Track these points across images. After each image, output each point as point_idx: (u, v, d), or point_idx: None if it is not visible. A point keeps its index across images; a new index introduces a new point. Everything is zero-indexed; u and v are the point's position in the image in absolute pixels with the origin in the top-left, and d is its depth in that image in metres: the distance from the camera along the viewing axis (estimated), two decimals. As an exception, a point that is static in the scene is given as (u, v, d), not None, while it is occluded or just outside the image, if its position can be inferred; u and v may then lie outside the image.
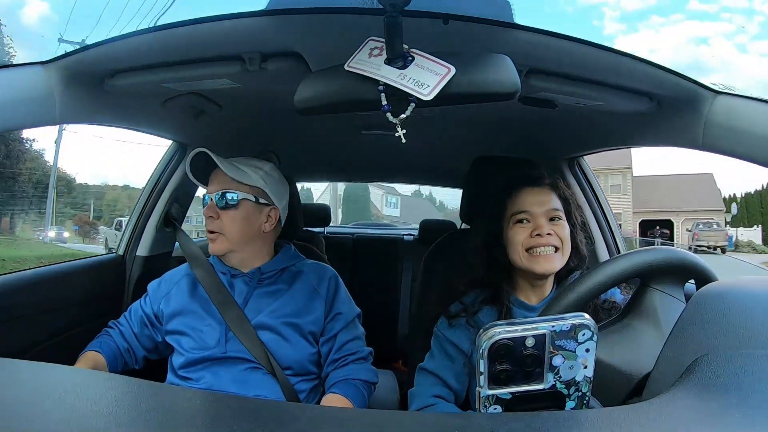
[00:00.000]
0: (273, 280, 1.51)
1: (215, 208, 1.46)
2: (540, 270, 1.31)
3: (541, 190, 1.39)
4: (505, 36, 1.09)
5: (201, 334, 1.44)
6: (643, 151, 25.82)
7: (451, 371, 1.37)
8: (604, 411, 0.65)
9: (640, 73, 1.21)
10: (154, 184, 2.03)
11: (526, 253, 1.33)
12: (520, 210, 1.36)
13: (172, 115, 1.67)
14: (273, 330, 1.43)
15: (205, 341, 1.43)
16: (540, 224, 1.33)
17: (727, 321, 0.62)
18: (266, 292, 1.49)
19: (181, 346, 1.45)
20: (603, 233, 2.11)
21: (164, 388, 0.63)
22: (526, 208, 1.36)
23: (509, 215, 1.37)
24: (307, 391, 1.48)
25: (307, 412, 0.69)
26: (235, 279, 1.50)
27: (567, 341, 0.62)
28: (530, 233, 1.33)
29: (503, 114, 1.77)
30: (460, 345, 1.37)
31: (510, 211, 1.37)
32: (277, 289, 1.50)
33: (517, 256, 1.34)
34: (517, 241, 1.34)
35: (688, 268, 0.91)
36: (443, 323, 1.41)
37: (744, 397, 0.51)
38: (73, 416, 0.51)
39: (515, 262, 1.35)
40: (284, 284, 1.51)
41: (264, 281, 1.50)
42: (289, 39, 1.18)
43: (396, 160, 2.83)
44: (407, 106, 0.98)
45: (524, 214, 1.35)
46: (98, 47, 1.19)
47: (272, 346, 1.42)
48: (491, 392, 0.63)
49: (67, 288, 1.69)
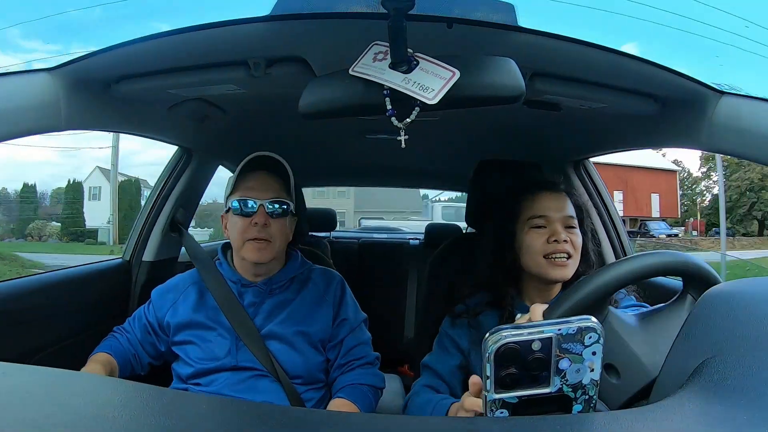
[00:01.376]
0: (282, 290, 1.50)
1: (266, 215, 1.44)
2: (554, 277, 1.30)
3: (558, 195, 1.37)
4: (509, 39, 1.09)
5: (210, 344, 1.43)
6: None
7: (446, 365, 1.36)
8: (611, 414, 0.65)
9: (644, 75, 1.21)
10: (160, 189, 2.04)
11: (543, 259, 1.31)
12: (538, 214, 1.34)
13: (178, 120, 1.68)
14: (283, 340, 1.43)
15: (215, 352, 1.42)
16: (557, 230, 1.32)
17: (734, 323, 0.61)
18: (276, 302, 1.48)
19: (189, 356, 1.44)
20: (609, 236, 2.10)
21: (170, 393, 0.63)
22: (544, 213, 1.34)
23: (525, 219, 1.35)
24: (316, 400, 1.47)
25: (313, 416, 0.68)
26: (246, 288, 1.48)
27: (573, 344, 0.62)
28: (547, 239, 1.31)
29: (508, 117, 1.77)
30: (459, 342, 1.37)
31: (526, 214, 1.35)
32: (287, 298, 1.49)
33: (533, 262, 1.32)
34: (535, 246, 1.32)
35: (690, 270, 0.91)
36: (447, 322, 1.41)
37: (751, 399, 0.51)
38: (79, 421, 0.51)
39: (528, 268, 1.34)
40: (293, 293, 1.50)
41: (275, 291, 1.49)
42: (293, 44, 1.18)
43: (401, 164, 2.84)
44: (412, 111, 0.97)
45: (542, 219, 1.33)
46: (104, 53, 1.20)
47: (281, 356, 1.41)
48: (498, 396, 0.62)
49: (73, 293, 1.70)
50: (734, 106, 1.15)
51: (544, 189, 1.38)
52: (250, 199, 1.43)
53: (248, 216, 1.43)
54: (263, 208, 1.43)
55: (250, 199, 1.43)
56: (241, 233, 1.43)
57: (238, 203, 1.43)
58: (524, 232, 1.35)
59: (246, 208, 1.43)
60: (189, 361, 1.43)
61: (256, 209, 1.43)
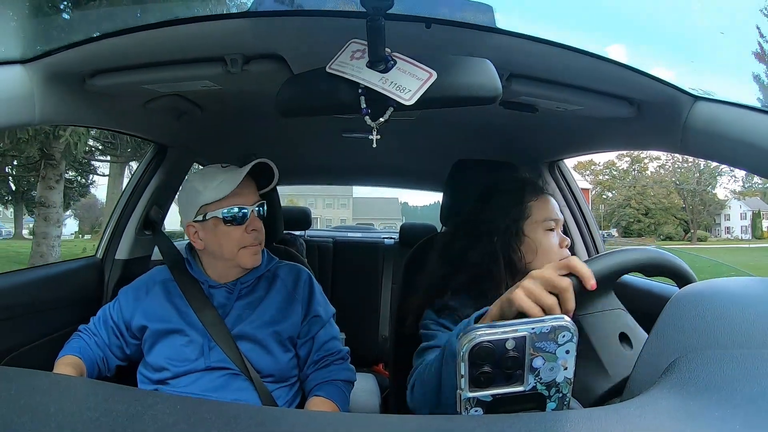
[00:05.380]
0: (251, 289, 1.49)
1: (259, 220, 1.44)
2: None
3: (552, 199, 1.37)
4: (486, 40, 1.10)
5: (182, 347, 1.40)
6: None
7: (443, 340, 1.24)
8: (584, 412, 0.66)
9: (620, 78, 1.23)
10: (134, 186, 2.00)
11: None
12: (551, 217, 1.32)
13: (153, 116, 1.65)
14: (253, 340, 1.41)
15: (186, 354, 1.39)
16: (562, 235, 1.32)
17: (705, 322, 0.63)
18: (245, 303, 1.46)
19: (159, 360, 1.40)
20: (582, 235, 2.13)
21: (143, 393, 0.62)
22: (554, 217, 1.33)
23: (539, 220, 1.32)
24: (288, 398, 1.46)
25: (289, 417, 0.68)
26: (214, 290, 1.46)
27: (547, 343, 0.62)
28: (559, 243, 1.31)
29: (485, 118, 1.78)
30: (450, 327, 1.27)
31: (539, 216, 1.32)
32: (255, 297, 1.47)
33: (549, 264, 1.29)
34: (554, 249, 1.30)
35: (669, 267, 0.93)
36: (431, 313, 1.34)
37: (722, 396, 0.52)
38: (50, 422, 0.50)
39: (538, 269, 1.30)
40: (261, 291, 1.49)
41: (243, 291, 1.47)
42: (271, 41, 1.17)
43: (377, 163, 2.84)
44: (386, 110, 0.97)
45: (553, 223, 1.32)
46: (79, 47, 1.17)
47: (252, 355, 1.40)
48: (472, 395, 0.63)
49: (44, 292, 1.66)
50: (708, 110, 1.17)
51: (546, 192, 1.38)
52: (242, 207, 1.41)
53: (241, 224, 1.41)
54: (254, 214, 1.43)
55: (242, 207, 1.41)
56: (238, 242, 1.41)
57: (231, 213, 1.39)
58: (540, 235, 1.31)
59: (240, 216, 1.40)
60: (159, 362, 1.40)
61: (248, 217, 1.41)
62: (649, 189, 44.31)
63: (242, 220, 1.40)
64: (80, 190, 18.71)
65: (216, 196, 1.38)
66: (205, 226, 1.41)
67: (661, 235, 42.47)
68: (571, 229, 2.10)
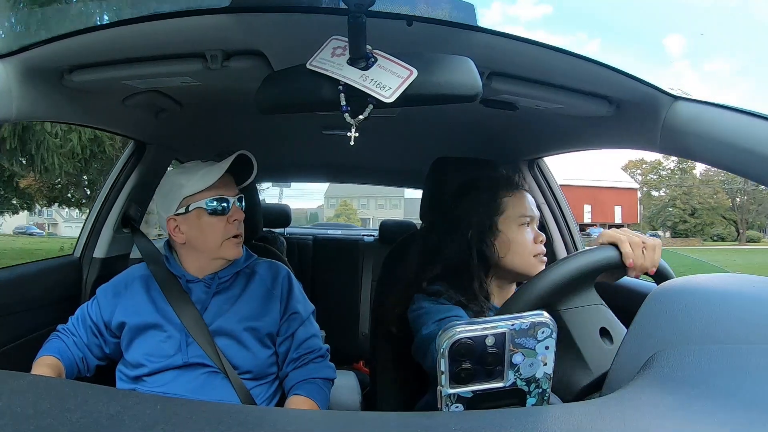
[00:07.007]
0: (229, 285, 1.48)
1: (240, 211, 1.45)
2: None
3: (527, 195, 1.38)
4: (467, 38, 1.10)
5: (160, 342, 1.39)
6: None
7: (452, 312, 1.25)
8: (564, 407, 0.67)
9: (599, 77, 1.24)
10: (112, 183, 1.97)
11: (533, 258, 1.31)
12: (526, 213, 1.34)
13: (132, 113, 1.63)
14: (231, 336, 1.40)
15: (164, 350, 1.38)
16: (537, 231, 1.34)
17: (683, 317, 0.64)
18: (223, 298, 1.45)
19: (137, 356, 1.40)
20: (561, 233, 2.15)
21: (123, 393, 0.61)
22: (529, 213, 1.34)
23: (514, 216, 1.34)
24: (267, 396, 1.46)
25: (270, 415, 0.68)
26: (192, 284, 1.46)
27: (527, 339, 0.63)
28: (534, 239, 1.32)
29: (465, 116, 1.79)
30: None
31: (515, 212, 1.34)
32: (233, 293, 1.47)
33: (522, 260, 1.31)
34: (528, 244, 1.32)
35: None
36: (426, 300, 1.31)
37: (700, 391, 0.53)
38: (27, 424, 0.49)
39: (513, 265, 1.31)
40: (239, 288, 1.48)
41: (221, 286, 1.47)
42: (252, 37, 1.16)
43: (358, 160, 2.84)
44: (365, 108, 0.97)
45: (528, 218, 1.34)
46: (57, 42, 1.15)
47: (229, 351, 1.39)
48: (452, 391, 0.63)
49: (21, 292, 1.63)
50: (687, 110, 1.18)
51: (522, 188, 1.39)
52: (224, 198, 1.42)
53: (224, 215, 1.42)
54: (236, 205, 1.44)
55: (224, 198, 1.42)
56: (222, 233, 1.42)
57: (214, 203, 1.41)
58: (514, 230, 1.33)
59: (222, 207, 1.41)
60: (136, 358, 1.39)
61: (230, 207, 1.42)
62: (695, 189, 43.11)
63: (225, 210, 1.41)
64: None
65: (199, 187, 1.39)
66: (188, 218, 1.42)
67: (713, 236, 40.50)
68: (550, 227, 2.12)
